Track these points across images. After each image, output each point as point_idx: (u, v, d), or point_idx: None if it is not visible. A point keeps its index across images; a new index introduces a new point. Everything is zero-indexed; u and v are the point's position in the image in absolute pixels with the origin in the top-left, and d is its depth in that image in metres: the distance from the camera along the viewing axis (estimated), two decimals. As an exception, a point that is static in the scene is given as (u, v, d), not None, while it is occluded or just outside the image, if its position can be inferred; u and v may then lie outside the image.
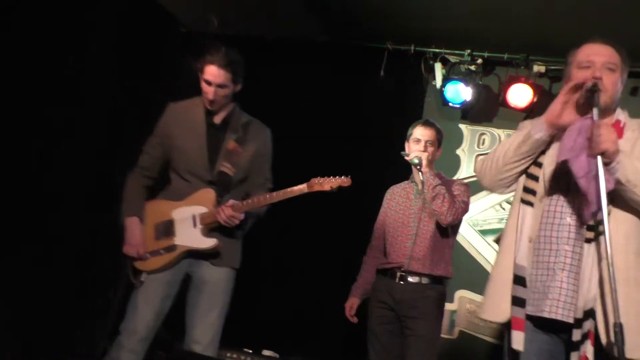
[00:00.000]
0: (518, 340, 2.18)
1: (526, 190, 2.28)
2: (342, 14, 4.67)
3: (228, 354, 4.13)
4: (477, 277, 4.80)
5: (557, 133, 2.23)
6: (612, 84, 2.22)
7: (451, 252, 3.65)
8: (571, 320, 2.12)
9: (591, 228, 2.13)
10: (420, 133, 3.59)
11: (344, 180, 2.99)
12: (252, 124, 3.20)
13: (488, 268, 4.88)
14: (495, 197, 4.90)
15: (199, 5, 4.77)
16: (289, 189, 3.00)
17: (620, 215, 2.16)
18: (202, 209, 3.03)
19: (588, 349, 2.05)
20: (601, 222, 2.07)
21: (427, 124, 3.67)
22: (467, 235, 4.91)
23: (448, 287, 3.72)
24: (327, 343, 4.66)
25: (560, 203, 2.22)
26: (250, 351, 4.18)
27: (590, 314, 2.08)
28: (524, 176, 2.30)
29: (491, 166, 2.33)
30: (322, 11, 4.70)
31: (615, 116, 2.29)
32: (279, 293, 4.93)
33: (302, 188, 2.99)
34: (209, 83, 3.00)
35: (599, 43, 2.26)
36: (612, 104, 2.26)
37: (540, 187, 2.25)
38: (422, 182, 3.52)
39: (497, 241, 2.43)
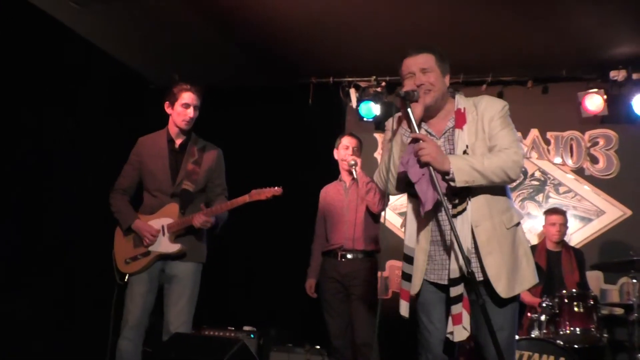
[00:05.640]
0: (404, 308, 2.38)
1: (411, 185, 2.34)
2: (274, 62, 5.33)
3: (214, 332, 4.60)
4: (401, 249, 5.23)
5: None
6: (433, 82, 2.31)
7: (378, 231, 4.07)
8: (446, 282, 2.29)
9: (455, 206, 2.27)
10: (348, 141, 4.06)
11: (276, 191, 3.25)
12: (207, 147, 3.45)
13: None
14: (409, 186, 5.60)
15: (163, 66, 5.38)
16: (235, 200, 3.26)
17: (477, 189, 2.26)
18: (168, 220, 3.28)
19: (463, 311, 2.23)
20: (463, 201, 2.26)
21: (352, 135, 4.16)
22: (391, 217, 5.53)
23: (380, 259, 4.16)
24: (292, 316, 5.12)
25: None
26: (233, 328, 4.70)
27: (463, 276, 2.21)
28: None
29: (389, 177, 2.36)
30: (260, 62, 5.35)
31: (456, 104, 2.38)
32: (254, 282, 5.50)
33: (245, 198, 3.24)
34: (187, 106, 3.29)
35: (412, 54, 2.37)
36: (442, 97, 2.37)
37: None
38: (356, 180, 3.91)
39: (403, 227, 2.63)
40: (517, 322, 2.41)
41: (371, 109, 5.45)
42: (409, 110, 2.23)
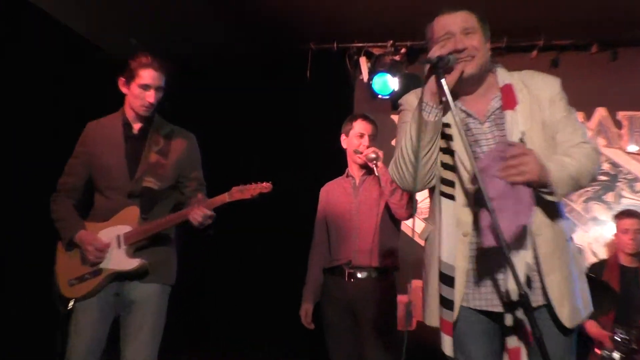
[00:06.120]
0: (448, 344, 2.14)
1: (444, 182, 2.17)
2: (262, 24, 4.85)
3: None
4: (429, 266, 4.91)
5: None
6: (477, 46, 2.15)
7: (397, 242, 3.63)
8: (501, 309, 2.07)
9: None
10: (362, 127, 3.60)
11: (263, 187, 2.94)
12: (174, 133, 3.17)
13: (438, 256, 5.03)
14: (435, 184, 5.05)
15: (123, 31, 4.88)
16: (211, 200, 2.96)
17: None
18: (126, 228, 2.98)
19: (522, 345, 2.01)
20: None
21: (367, 118, 3.69)
22: (413, 224, 4.73)
23: (402, 279, 3.81)
24: (285, 351, 4.73)
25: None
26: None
27: (519, 301, 1.96)
28: (440, 167, 2.18)
29: (408, 167, 2.18)
30: (243, 24, 4.88)
31: (501, 80, 2.22)
32: (236, 308, 5.02)
33: (223, 198, 2.95)
34: (147, 87, 2.97)
35: (450, 12, 2.20)
36: (486, 65, 2.20)
37: (458, 176, 2.13)
38: (378, 177, 3.51)
39: (425, 238, 2.30)
40: (575, 355, 2.20)
41: (387, 83, 4.98)
42: (442, 81, 1.99)
